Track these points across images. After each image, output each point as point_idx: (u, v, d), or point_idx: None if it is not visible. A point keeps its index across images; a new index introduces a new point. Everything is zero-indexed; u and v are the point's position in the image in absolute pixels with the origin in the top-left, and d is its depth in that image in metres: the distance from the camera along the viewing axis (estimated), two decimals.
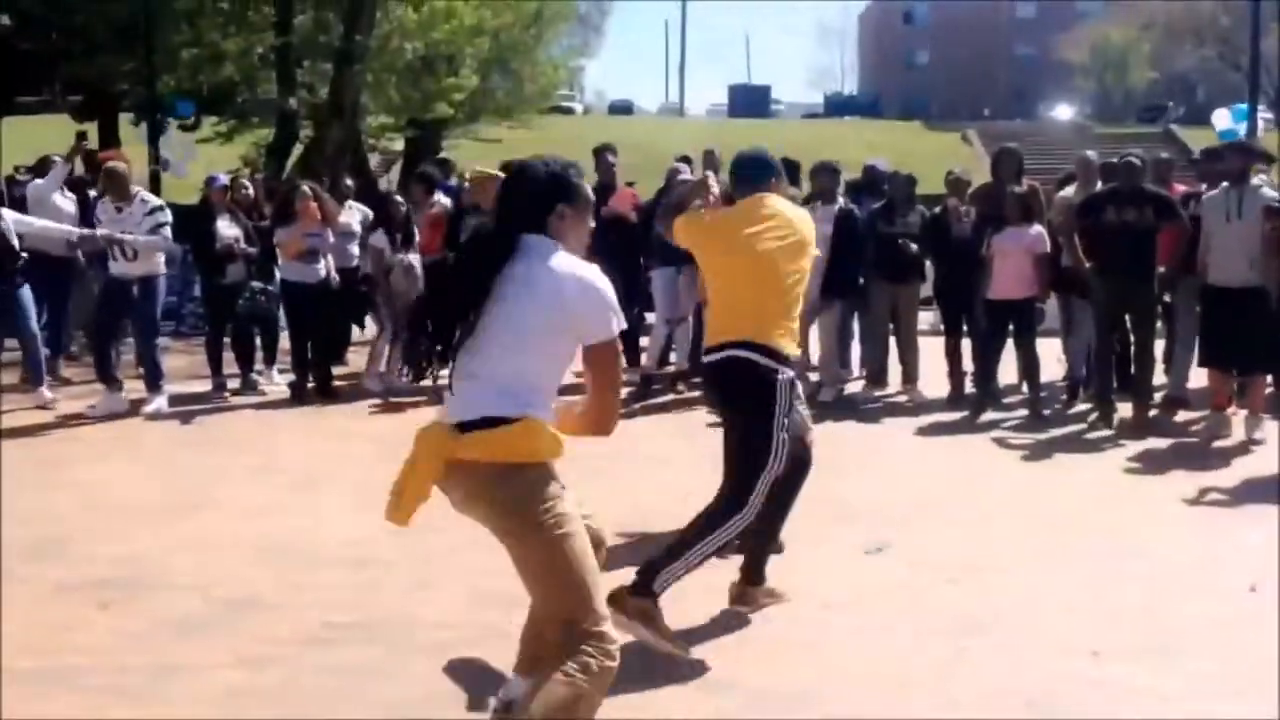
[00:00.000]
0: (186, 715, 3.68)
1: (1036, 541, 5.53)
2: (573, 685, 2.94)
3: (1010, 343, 8.63)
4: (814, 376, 9.40)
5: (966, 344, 9.09)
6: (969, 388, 8.91)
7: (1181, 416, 8.35)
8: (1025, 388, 8.67)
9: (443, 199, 10.31)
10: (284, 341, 9.82)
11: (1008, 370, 8.83)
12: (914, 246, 8.97)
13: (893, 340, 9.37)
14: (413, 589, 4.80)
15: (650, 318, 9.89)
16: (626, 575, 4.01)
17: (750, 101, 58.81)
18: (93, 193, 10.29)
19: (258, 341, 9.77)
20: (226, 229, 9.40)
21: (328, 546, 5.42)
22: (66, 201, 10.25)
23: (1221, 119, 20.49)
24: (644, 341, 9.86)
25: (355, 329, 11.10)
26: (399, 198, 10.02)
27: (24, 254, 8.76)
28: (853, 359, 10.02)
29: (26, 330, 8.76)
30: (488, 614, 4.30)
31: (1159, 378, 8.59)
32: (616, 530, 5.39)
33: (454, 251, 8.98)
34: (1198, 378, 8.41)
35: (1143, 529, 5.76)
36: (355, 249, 10.12)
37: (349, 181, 11.42)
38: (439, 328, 3.18)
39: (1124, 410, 8.10)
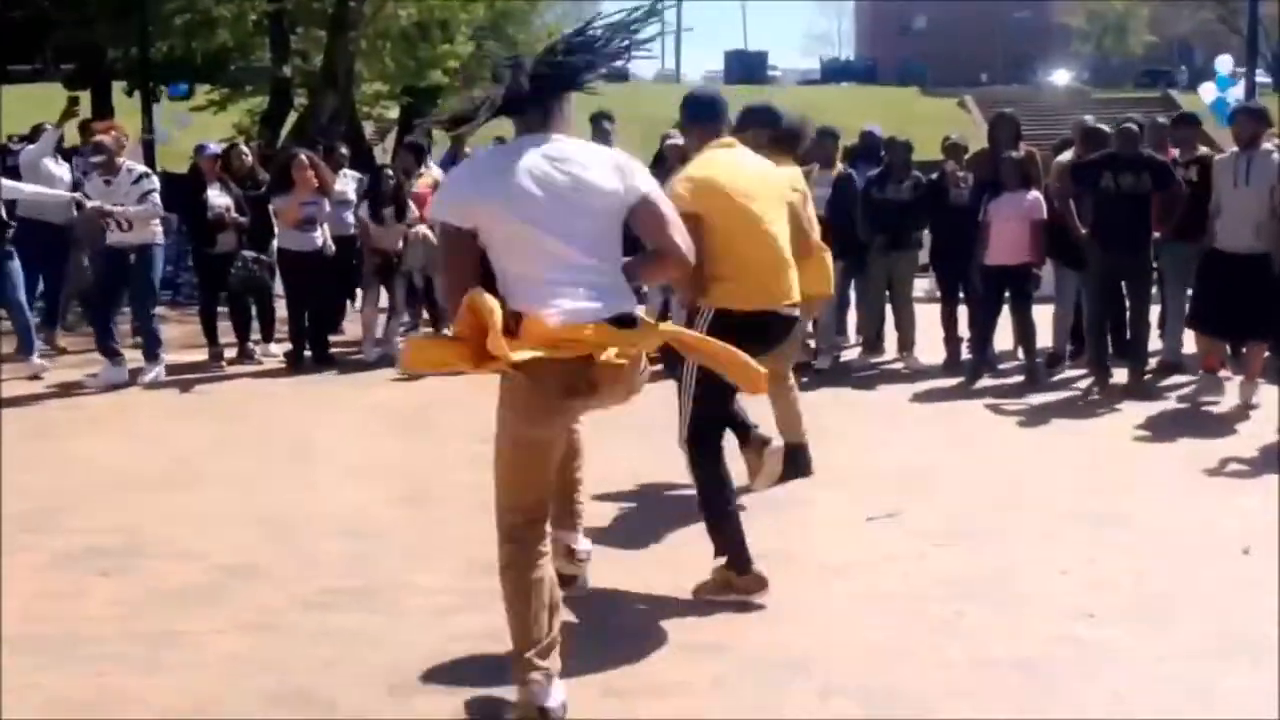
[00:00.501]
0: (186, 681, 3.70)
1: (1031, 506, 5.55)
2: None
3: (1006, 309, 8.64)
4: (810, 343, 9.40)
5: (963, 310, 9.09)
6: (965, 354, 8.92)
7: (1176, 380, 8.37)
8: (1021, 354, 8.68)
9: (434, 169, 10.26)
10: (280, 310, 9.82)
11: (1004, 336, 8.84)
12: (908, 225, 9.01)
13: (889, 306, 9.38)
14: (411, 557, 4.82)
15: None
16: (622, 544, 3.93)
17: (747, 68, 58.39)
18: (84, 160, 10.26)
19: (254, 310, 9.76)
20: (217, 198, 9.37)
21: (326, 515, 5.43)
22: (60, 168, 10.21)
23: (1209, 92, 20.42)
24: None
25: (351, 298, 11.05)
26: (389, 170, 9.97)
27: (13, 223, 8.75)
28: (849, 325, 10.02)
29: (13, 299, 8.75)
30: (485, 581, 4.28)
31: (1153, 343, 8.60)
32: (611, 490, 5.42)
33: None
34: (1191, 343, 8.42)
35: (1138, 493, 5.78)
36: (350, 217, 10.10)
37: (343, 150, 11.36)
38: None
39: (1119, 375, 8.11)
